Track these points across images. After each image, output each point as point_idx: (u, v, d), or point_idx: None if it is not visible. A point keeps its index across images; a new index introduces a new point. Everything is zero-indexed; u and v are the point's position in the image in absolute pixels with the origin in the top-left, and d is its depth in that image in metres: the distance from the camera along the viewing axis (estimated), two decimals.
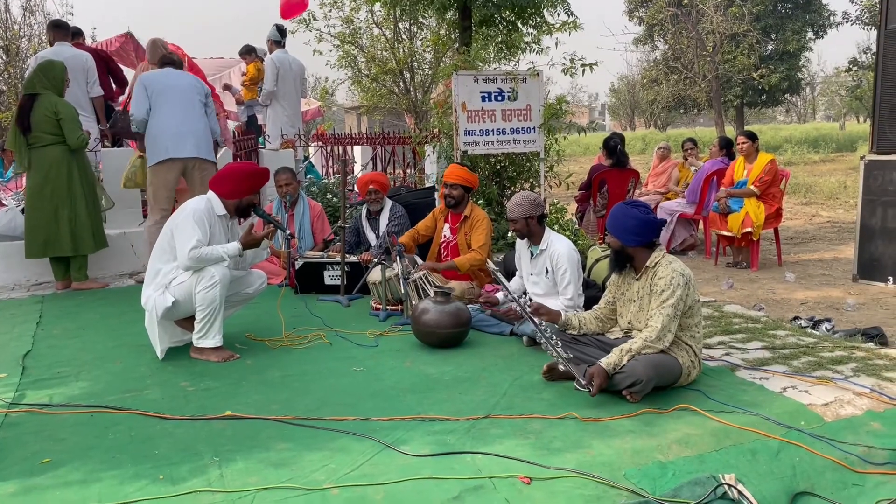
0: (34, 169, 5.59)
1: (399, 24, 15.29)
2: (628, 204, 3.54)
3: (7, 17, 17.16)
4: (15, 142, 5.59)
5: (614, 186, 7.36)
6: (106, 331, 4.64)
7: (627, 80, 40.42)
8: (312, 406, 3.31)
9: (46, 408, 3.32)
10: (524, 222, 4.33)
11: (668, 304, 3.27)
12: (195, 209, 3.95)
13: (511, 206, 4.38)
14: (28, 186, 5.66)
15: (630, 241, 3.46)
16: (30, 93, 5.58)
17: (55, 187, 5.57)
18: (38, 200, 5.57)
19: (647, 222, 3.42)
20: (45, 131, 5.52)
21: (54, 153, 5.56)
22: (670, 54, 24.11)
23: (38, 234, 5.61)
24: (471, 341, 4.27)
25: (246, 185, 4.07)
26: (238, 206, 4.09)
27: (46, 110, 5.49)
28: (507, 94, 6.71)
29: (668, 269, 3.36)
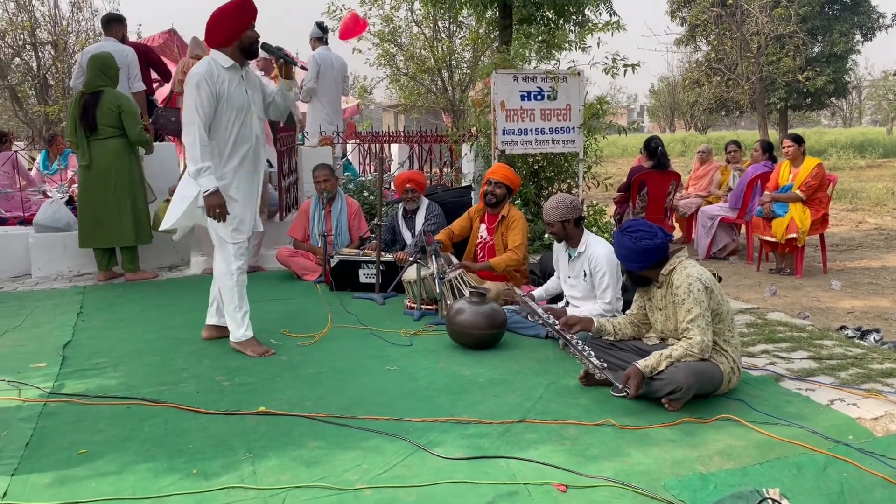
0: (95, 161, 5.71)
1: (438, 22, 15.28)
2: (622, 231, 3.43)
3: (56, 14, 17.57)
4: (74, 136, 5.71)
5: (654, 188, 7.23)
6: (145, 323, 4.69)
7: (668, 81, 39.87)
8: (346, 404, 3.29)
9: (84, 398, 3.36)
10: (561, 225, 4.26)
11: (695, 313, 3.18)
12: (194, 74, 3.79)
13: (547, 209, 4.31)
14: (87, 178, 5.77)
15: (633, 267, 3.41)
16: (93, 91, 5.68)
17: (117, 179, 5.71)
18: (101, 192, 5.71)
19: (639, 251, 3.32)
20: (107, 125, 5.66)
21: (116, 146, 5.70)
22: (713, 55, 23.67)
23: (101, 225, 5.74)
24: (506, 343, 4.22)
25: (233, 24, 3.80)
26: (241, 48, 3.85)
27: (110, 105, 5.64)
28: (546, 93, 6.63)
29: (682, 276, 3.26)
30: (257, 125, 3.97)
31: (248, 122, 3.91)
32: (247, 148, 3.93)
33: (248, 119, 3.90)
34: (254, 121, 3.94)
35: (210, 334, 4.23)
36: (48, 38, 17.43)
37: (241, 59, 3.89)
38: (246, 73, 3.96)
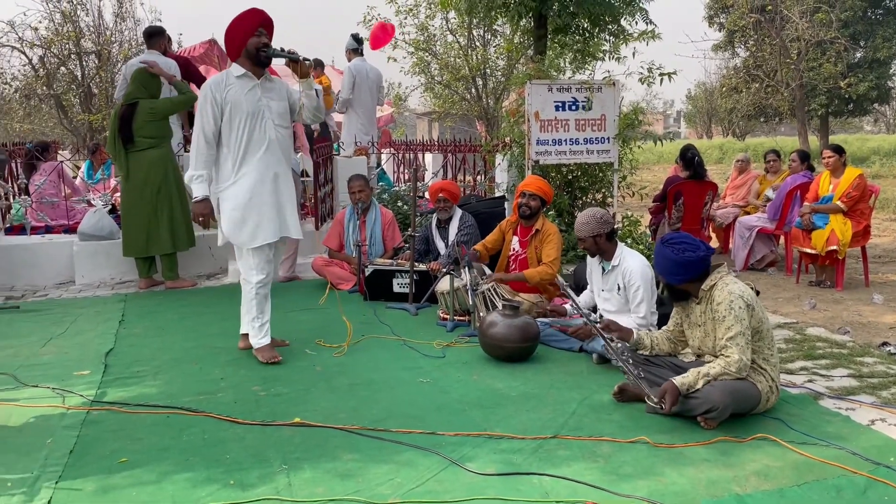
0: (133, 172, 5.87)
1: (473, 31, 15.33)
2: (664, 242, 3.38)
3: (100, 24, 18.02)
4: (114, 148, 5.88)
5: (691, 199, 7.15)
6: (183, 331, 4.79)
7: (705, 87, 39.36)
8: (379, 416, 3.32)
9: (125, 407, 3.44)
10: (592, 241, 4.24)
11: (735, 330, 3.14)
12: (204, 84, 4.05)
13: (578, 224, 4.29)
14: (127, 188, 5.94)
15: (673, 280, 3.35)
16: (129, 103, 5.84)
17: (154, 189, 5.86)
18: (138, 201, 5.86)
19: (683, 262, 3.28)
20: (143, 135, 5.81)
21: (152, 156, 5.85)
22: (751, 62, 23.31)
23: (140, 233, 5.89)
24: (539, 356, 4.21)
25: (238, 34, 3.91)
26: (249, 56, 3.94)
27: (145, 114, 5.80)
28: (581, 103, 6.61)
29: (724, 293, 3.22)
30: (273, 131, 4.01)
31: (261, 127, 3.97)
32: (260, 153, 3.98)
33: (260, 125, 3.97)
34: (267, 127, 3.99)
35: (246, 344, 4.30)
36: (92, 47, 17.87)
37: (251, 67, 3.97)
38: (264, 81, 4.03)
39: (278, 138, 4.04)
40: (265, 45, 3.94)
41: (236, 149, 3.95)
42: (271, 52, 3.97)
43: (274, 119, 4.02)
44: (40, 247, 6.49)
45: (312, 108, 4.17)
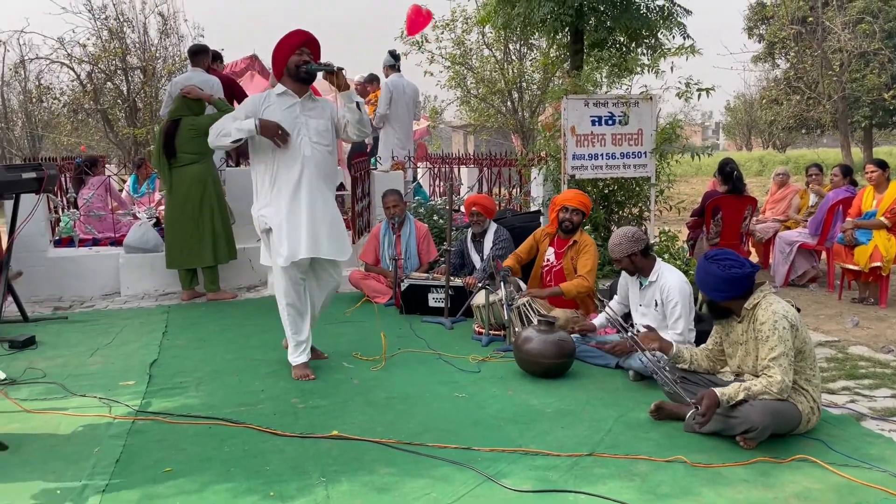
0: (176, 186, 6.05)
1: (509, 45, 15.39)
2: (708, 258, 3.35)
3: (145, 40, 18.51)
4: (159, 163, 6.07)
5: (729, 214, 7.07)
6: (224, 343, 4.89)
7: (744, 98, 38.84)
8: (415, 431, 3.35)
9: (169, 417, 3.54)
10: (628, 260, 4.23)
11: (778, 351, 3.10)
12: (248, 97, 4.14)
13: (611, 246, 4.27)
14: (170, 203, 6.12)
15: (718, 297, 3.31)
16: (174, 118, 6.01)
17: (195, 203, 6.03)
18: (180, 215, 6.03)
19: (729, 279, 3.24)
20: (186, 151, 5.98)
21: (194, 171, 6.01)
22: (792, 73, 22.97)
23: (182, 246, 6.05)
24: (574, 372, 4.21)
25: (280, 54, 3.99)
26: (290, 74, 3.99)
27: (188, 130, 5.97)
28: (618, 118, 6.60)
29: (768, 312, 3.18)
30: (308, 148, 3.99)
31: (297, 144, 3.96)
32: (295, 171, 3.96)
33: (295, 142, 3.96)
34: (303, 144, 3.98)
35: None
36: (138, 63, 18.35)
37: (292, 85, 4.01)
38: (305, 100, 4.04)
39: (314, 156, 4.01)
40: (305, 62, 3.96)
41: (272, 165, 3.99)
42: (311, 67, 3.98)
43: (311, 137, 4.01)
44: (87, 259, 6.69)
45: (355, 122, 4.09)
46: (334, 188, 4.26)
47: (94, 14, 17.39)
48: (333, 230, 4.11)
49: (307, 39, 4.02)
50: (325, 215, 4.07)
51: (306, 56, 3.99)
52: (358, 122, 4.09)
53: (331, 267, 4.25)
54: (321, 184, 4.07)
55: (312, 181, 4.02)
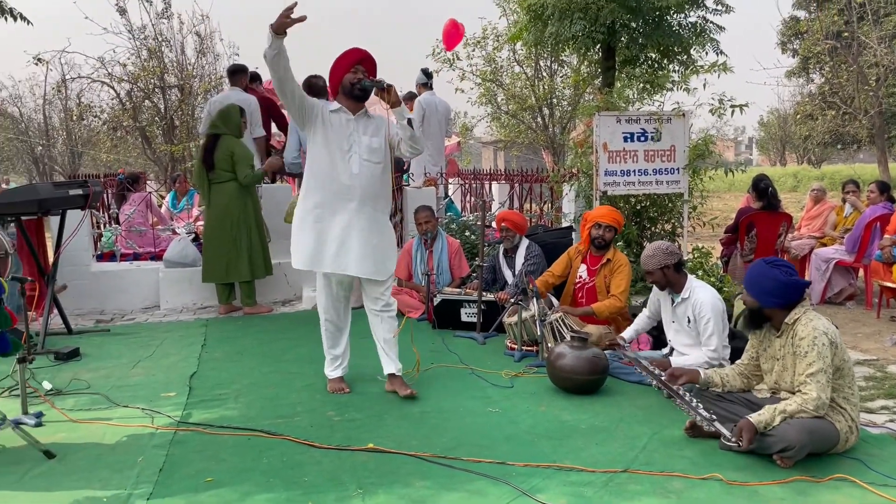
0: (214, 203, 6.20)
1: (540, 61, 15.47)
2: (769, 263, 3.35)
3: (182, 59, 18.96)
4: (199, 179, 6.22)
5: (764, 230, 7.01)
6: (261, 356, 4.99)
7: (778, 113, 38.39)
8: (449, 445, 3.39)
9: (209, 428, 3.62)
10: (661, 273, 4.24)
11: (816, 367, 3.08)
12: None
13: (644, 259, 4.29)
14: (208, 218, 6.27)
15: (768, 303, 3.30)
16: (213, 133, 6.18)
17: (234, 219, 6.16)
18: (218, 231, 6.17)
19: (788, 285, 3.24)
20: (224, 169, 6.13)
21: (232, 188, 6.16)
22: (827, 88, 22.69)
23: (220, 261, 6.19)
24: (608, 389, 4.21)
25: (335, 72, 4.01)
26: (344, 91, 4.00)
27: (226, 151, 6.10)
28: (650, 134, 6.60)
29: (808, 328, 3.17)
30: (357, 165, 3.97)
31: (345, 160, 3.95)
32: (340, 185, 3.95)
33: (344, 158, 3.95)
34: (352, 161, 3.96)
35: (391, 386, 4.23)
36: (175, 82, 18.79)
37: (346, 102, 4.02)
38: (360, 117, 4.03)
39: (363, 173, 3.98)
40: (359, 79, 3.96)
41: (319, 175, 4.00)
42: (363, 84, 3.96)
43: (362, 154, 3.98)
44: (128, 273, 6.86)
45: (408, 139, 4.02)
46: (385, 206, 4.18)
47: (133, 34, 17.85)
48: (369, 248, 4.01)
49: (362, 57, 4.03)
50: (365, 233, 4.01)
51: (361, 73, 3.98)
52: (410, 139, 4.03)
53: (373, 286, 4.14)
54: (367, 201, 4.02)
55: (358, 198, 3.98)
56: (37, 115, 25.21)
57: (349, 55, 4.03)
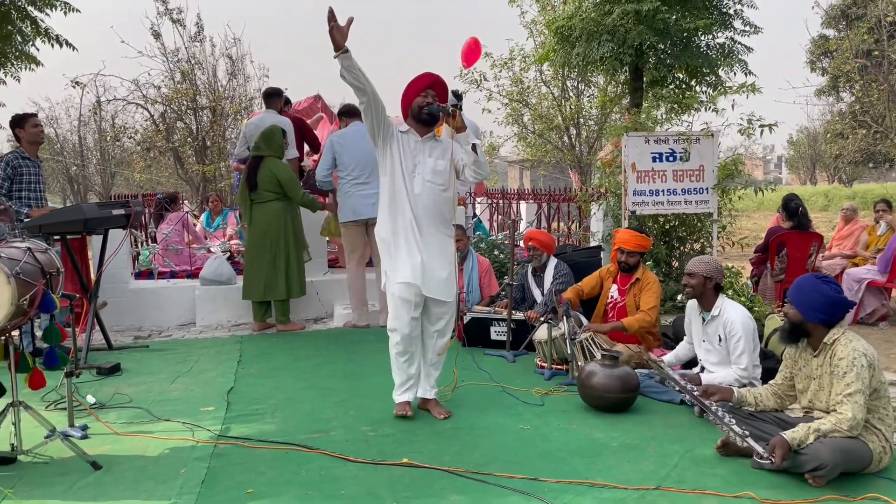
0: (255, 221, 6.35)
1: (566, 82, 15.58)
2: (819, 278, 3.39)
3: (214, 81, 19.38)
4: (242, 199, 6.39)
5: (794, 250, 6.99)
6: (296, 372, 5.09)
7: (808, 132, 38.07)
8: (482, 461, 3.44)
9: (248, 441, 3.72)
10: (702, 280, 4.28)
11: (854, 388, 3.10)
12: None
13: (695, 262, 4.37)
14: (250, 237, 6.43)
15: (813, 318, 3.31)
16: (256, 155, 6.35)
17: (273, 238, 6.30)
18: (259, 249, 6.32)
19: (836, 302, 3.27)
20: (266, 189, 6.28)
21: (274, 208, 6.31)
22: (858, 107, 22.49)
23: (259, 280, 6.32)
24: (638, 407, 4.23)
25: (408, 95, 4.05)
26: (413, 115, 4.04)
27: (269, 172, 6.26)
28: (679, 154, 6.65)
29: (848, 349, 3.18)
30: (420, 186, 3.99)
31: (409, 182, 3.99)
32: (403, 206, 3.99)
33: (408, 179, 3.99)
34: (416, 182, 3.99)
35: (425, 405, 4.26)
36: (207, 103, 19.21)
37: (414, 125, 4.07)
38: (427, 139, 4.06)
39: (424, 194, 3.99)
40: (427, 104, 3.99)
41: (388, 194, 4.05)
42: (431, 109, 3.99)
43: (426, 176, 4.00)
44: (166, 290, 7.04)
45: (472, 164, 4.02)
46: (448, 227, 4.15)
47: (167, 57, 18.31)
48: (435, 269, 4.03)
49: (434, 81, 4.08)
50: (428, 253, 4.02)
51: (430, 98, 4.02)
52: (474, 164, 4.02)
53: (437, 306, 4.14)
54: (429, 222, 4.03)
55: (420, 219, 4.00)
56: (72, 136, 25.92)
57: (421, 80, 4.08)
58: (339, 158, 6.27)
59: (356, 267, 6.42)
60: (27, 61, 8.00)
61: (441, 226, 4.09)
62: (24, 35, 7.91)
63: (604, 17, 7.45)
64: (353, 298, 6.50)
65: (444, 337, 4.22)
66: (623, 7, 7.27)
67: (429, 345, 4.22)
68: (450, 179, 4.09)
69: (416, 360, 4.17)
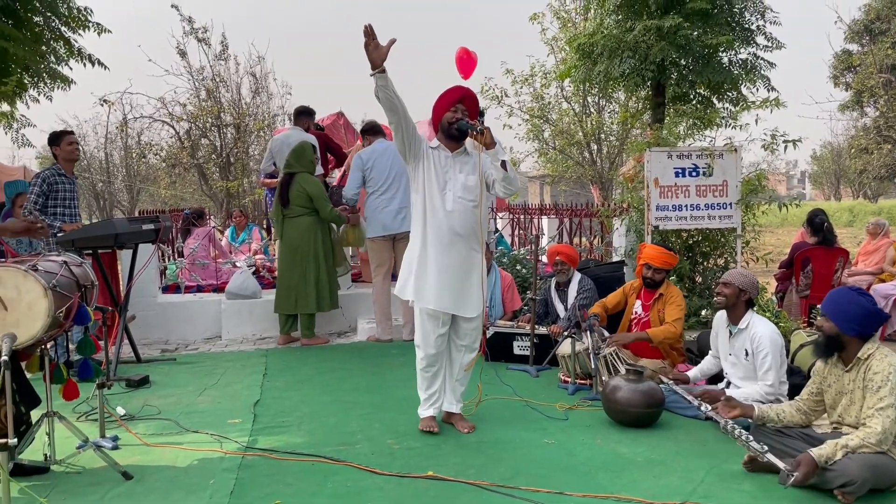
0: (287, 236, 6.45)
1: (587, 98, 15.63)
2: (854, 290, 3.38)
3: (238, 99, 19.67)
4: (276, 214, 6.49)
5: (820, 266, 6.93)
6: (321, 386, 5.13)
7: (832, 147, 37.74)
8: (507, 474, 3.46)
9: (275, 453, 3.76)
10: (737, 292, 4.27)
11: (887, 402, 3.08)
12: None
13: (732, 272, 4.40)
14: (282, 251, 6.52)
15: (849, 330, 3.30)
16: (288, 172, 6.46)
17: (304, 252, 6.39)
18: (290, 263, 6.41)
19: (872, 314, 3.27)
20: (298, 205, 6.38)
21: (305, 223, 6.40)
22: (882, 122, 22.28)
23: (290, 293, 6.41)
24: (663, 423, 4.22)
25: (438, 110, 4.03)
26: (443, 130, 4.03)
27: (300, 187, 6.37)
28: (702, 169, 6.64)
29: (884, 363, 3.17)
30: (451, 203, 3.99)
31: (441, 197, 4.00)
32: (436, 222, 4.01)
33: (439, 195, 4.00)
34: (447, 199, 3.99)
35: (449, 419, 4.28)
36: (231, 120, 19.49)
37: (444, 140, 4.04)
38: (458, 154, 4.04)
39: (456, 210, 3.99)
40: (458, 119, 3.97)
41: (420, 211, 4.06)
42: (460, 125, 3.96)
43: (457, 192, 4.00)
44: (192, 304, 7.15)
45: (500, 181, 3.98)
46: (478, 242, 4.12)
47: (193, 75, 18.63)
48: (464, 285, 4.04)
49: (463, 95, 4.05)
50: (459, 269, 4.03)
51: (460, 113, 3.99)
52: (503, 180, 3.99)
53: (465, 321, 4.14)
54: (461, 238, 4.02)
55: (452, 235, 4.00)
56: (99, 152, 26.35)
57: (451, 94, 4.04)
58: (367, 175, 6.36)
59: (382, 281, 6.48)
60: (60, 81, 8.20)
61: (472, 241, 4.07)
62: (58, 55, 8.12)
63: (625, 33, 7.50)
64: (378, 312, 6.55)
65: (471, 353, 4.22)
66: (645, 23, 7.31)
67: (456, 358, 4.23)
68: (480, 195, 4.04)
69: (441, 375, 4.19)
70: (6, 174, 10.30)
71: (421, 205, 4.06)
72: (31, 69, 7.78)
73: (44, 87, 8.27)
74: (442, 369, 4.20)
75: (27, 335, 3.06)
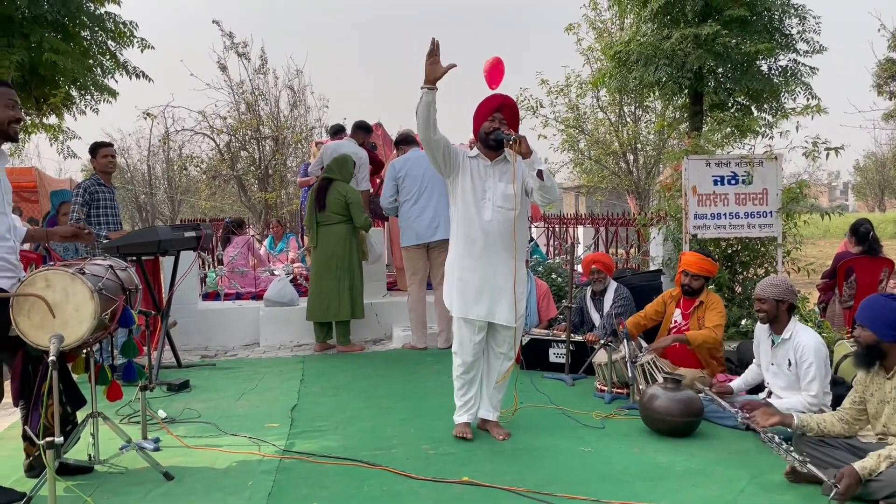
0: (322, 243, 6.52)
1: (623, 107, 15.54)
2: (887, 296, 3.31)
3: (277, 112, 20.03)
4: (310, 221, 6.58)
5: (864, 276, 6.77)
6: (357, 392, 5.17)
7: (875, 157, 36.86)
8: (543, 481, 3.44)
9: (312, 457, 3.80)
10: (774, 304, 4.18)
11: None
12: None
13: (764, 284, 4.25)
14: (316, 258, 6.59)
15: (888, 336, 3.23)
16: (327, 177, 6.56)
17: (339, 261, 6.46)
18: (325, 271, 6.47)
19: None
20: (334, 212, 6.46)
21: (340, 231, 6.47)
22: None
23: (324, 300, 6.47)
24: (702, 432, 4.16)
25: (477, 119, 4.02)
26: (481, 139, 4.01)
27: (338, 194, 6.45)
28: (741, 177, 6.55)
29: None
30: (490, 212, 3.97)
31: (479, 207, 3.99)
32: (474, 231, 3.98)
33: (478, 205, 3.99)
34: (485, 208, 3.98)
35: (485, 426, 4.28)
36: (269, 133, 19.84)
37: (483, 150, 4.03)
38: (496, 163, 4.02)
39: (495, 219, 3.97)
40: (495, 129, 3.94)
41: (461, 222, 4.06)
42: (497, 135, 3.93)
43: (496, 201, 3.98)
44: (231, 311, 7.26)
45: (538, 189, 3.91)
46: (520, 251, 4.08)
47: (233, 89, 19.01)
48: (504, 294, 4.02)
49: (501, 104, 4.01)
50: (499, 278, 4.01)
51: (497, 122, 3.96)
52: (541, 189, 3.91)
53: (505, 329, 4.14)
54: (499, 247, 4.00)
55: (490, 244, 3.99)
56: (141, 165, 27.03)
57: (488, 102, 4.02)
58: (400, 184, 6.41)
59: (417, 290, 6.51)
60: (107, 94, 8.43)
61: (510, 250, 4.01)
62: (105, 68, 8.36)
63: (662, 41, 7.44)
64: (414, 320, 6.58)
65: (509, 361, 4.21)
66: (682, 31, 7.25)
67: (493, 365, 4.21)
68: (520, 203, 4.01)
69: (477, 382, 4.19)
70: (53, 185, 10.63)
71: (458, 217, 4.06)
72: (78, 82, 8.02)
73: (90, 99, 8.51)
74: (478, 376, 4.20)
75: (74, 336, 3.14)
